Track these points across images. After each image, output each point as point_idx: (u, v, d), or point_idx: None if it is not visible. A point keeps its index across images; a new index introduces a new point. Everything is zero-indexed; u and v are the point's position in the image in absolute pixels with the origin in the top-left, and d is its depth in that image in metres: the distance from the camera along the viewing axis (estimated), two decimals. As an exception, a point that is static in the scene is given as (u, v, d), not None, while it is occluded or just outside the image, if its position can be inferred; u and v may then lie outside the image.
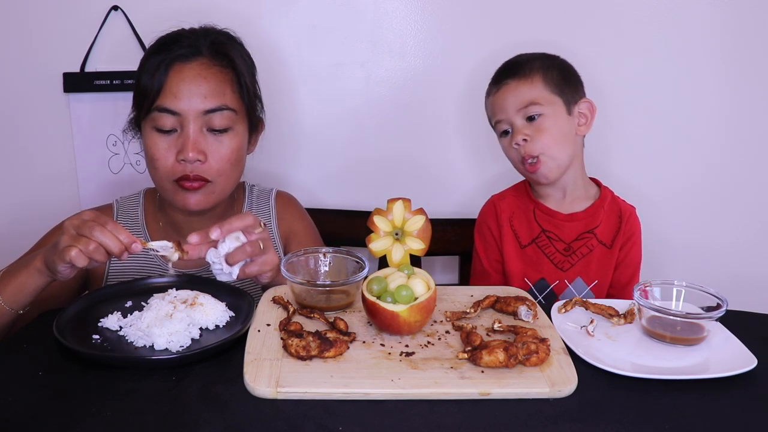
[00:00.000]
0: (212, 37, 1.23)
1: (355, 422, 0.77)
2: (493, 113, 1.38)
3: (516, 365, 0.85)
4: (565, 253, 1.38)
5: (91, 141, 1.67)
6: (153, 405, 0.79)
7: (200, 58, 1.19)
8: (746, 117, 1.71)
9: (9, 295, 1.02)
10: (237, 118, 1.22)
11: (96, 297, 1.05)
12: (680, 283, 1.01)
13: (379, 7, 1.64)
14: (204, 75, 1.18)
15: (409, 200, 1.02)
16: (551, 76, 1.34)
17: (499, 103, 1.36)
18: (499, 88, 1.36)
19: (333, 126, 1.72)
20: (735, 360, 0.89)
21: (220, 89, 1.19)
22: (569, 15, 1.64)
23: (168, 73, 1.17)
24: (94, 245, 0.94)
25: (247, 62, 1.27)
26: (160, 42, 1.22)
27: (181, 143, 1.17)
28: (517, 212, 1.43)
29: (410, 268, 0.97)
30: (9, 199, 1.71)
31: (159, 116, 1.17)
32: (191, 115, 1.17)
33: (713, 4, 1.64)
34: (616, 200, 1.43)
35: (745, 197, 1.77)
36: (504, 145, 1.38)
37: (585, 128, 1.37)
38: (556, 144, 1.32)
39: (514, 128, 1.33)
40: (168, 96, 1.16)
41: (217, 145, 1.19)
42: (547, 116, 1.31)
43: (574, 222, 1.38)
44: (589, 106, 1.36)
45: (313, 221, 1.45)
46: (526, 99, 1.31)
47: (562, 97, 1.33)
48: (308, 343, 0.87)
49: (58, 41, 1.61)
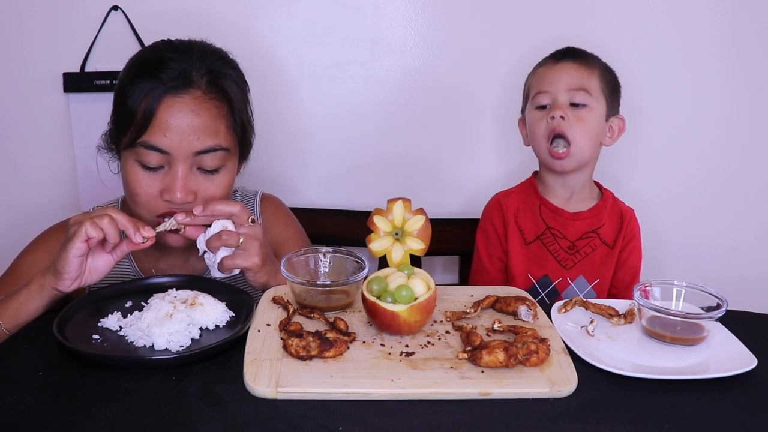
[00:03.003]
0: (208, 64, 1.12)
1: (355, 422, 0.77)
2: (539, 84, 1.37)
3: (516, 365, 0.85)
4: (569, 251, 1.39)
5: (91, 141, 1.65)
6: (153, 405, 0.79)
7: (194, 90, 1.08)
8: (746, 117, 1.71)
9: (8, 318, 1.01)
10: (229, 156, 1.14)
11: (96, 297, 1.05)
12: (680, 283, 1.01)
13: (379, 7, 1.64)
14: (197, 111, 1.08)
15: (409, 200, 1.02)
16: (607, 77, 1.36)
17: (551, 76, 1.35)
18: (558, 62, 1.36)
19: (333, 126, 1.72)
20: (735, 360, 0.89)
21: (214, 127, 1.09)
22: (569, 15, 1.64)
23: (158, 106, 1.06)
24: (107, 218, 0.96)
25: (240, 88, 1.17)
26: (146, 62, 1.11)
27: (168, 182, 1.08)
28: (522, 208, 1.43)
29: (410, 268, 0.97)
30: (8, 198, 1.71)
31: (145, 152, 1.07)
32: (181, 156, 1.07)
33: (713, 4, 1.64)
34: (616, 202, 1.44)
35: (744, 197, 1.77)
36: (533, 119, 1.37)
37: (610, 141, 1.39)
38: (588, 139, 1.33)
39: (556, 104, 1.33)
40: (156, 132, 1.06)
41: (208, 184, 1.11)
42: (591, 110, 1.33)
43: (579, 221, 1.39)
44: (621, 123, 1.39)
45: (300, 224, 1.40)
46: (582, 83, 1.32)
47: (607, 102, 1.36)
48: (308, 343, 0.87)
49: (58, 41, 1.61)
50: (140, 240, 0.99)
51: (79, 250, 0.98)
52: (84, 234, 0.96)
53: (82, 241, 0.97)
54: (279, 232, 1.34)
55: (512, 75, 1.68)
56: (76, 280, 1.01)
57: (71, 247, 0.97)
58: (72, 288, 1.01)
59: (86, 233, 0.96)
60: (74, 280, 1.01)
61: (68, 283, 1.00)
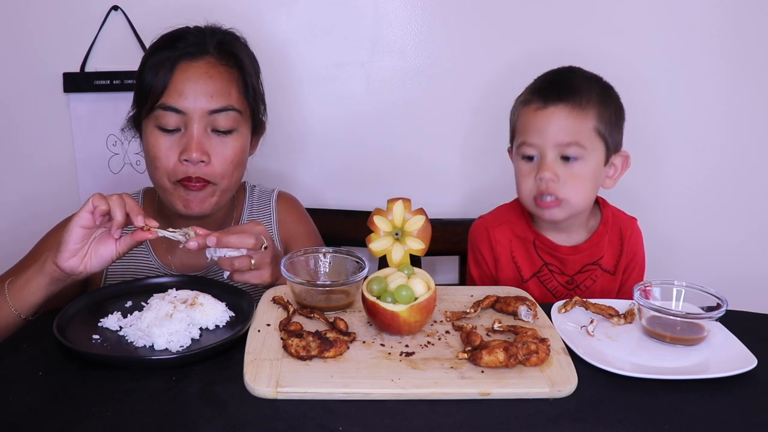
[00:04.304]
0: (219, 36, 1.21)
1: (355, 422, 0.77)
2: (524, 133, 1.21)
3: (516, 365, 0.85)
4: (568, 286, 1.29)
5: (91, 141, 1.67)
6: (153, 405, 0.79)
7: (207, 56, 1.17)
8: (746, 117, 1.71)
9: (14, 295, 1.02)
10: (242, 120, 1.20)
11: (96, 297, 1.05)
12: (680, 283, 1.01)
13: (379, 7, 1.64)
14: (210, 74, 1.16)
15: (409, 200, 1.02)
16: (606, 113, 1.19)
17: (537, 125, 1.18)
18: (546, 106, 1.18)
19: (333, 126, 1.72)
20: (735, 360, 0.89)
21: (226, 89, 1.17)
22: (569, 15, 1.64)
23: (174, 70, 1.15)
24: (116, 196, 0.99)
25: (253, 63, 1.25)
26: (165, 38, 1.20)
27: (184, 143, 1.15)
28: (516, 244, 1.30)
29: (410, 268, 0.97)
30: (9, 198, 1.71)
31: (163, 114, 1.15)
32: (196, 115, 1.14)
33: (713, 4, 1.64)
34: (616, 219, 1.32)
35: (744, 197, 1.76)
36: (521, 170, 1.23)
37: (611, 182, 1.26)
38: (582, 193, 1.20)
39: (544, 162, 1.18)
40: (173, 94, 1.14)
41: (221, 147, 1.17)
42: (585, 162, 1.18)
43: (578, 254, 1.28)
44: (624, 160, 1.26)
45: (314, 223, 1.44)
46: (572, 137, 1.16)
47: (606, 144, 1.20)
48: (308, 343, 0.87)
49: (58, 41, 1.61)
50: (140, 224, 0.99)
51: (82, 219, 0.97)
52: (90, 204, 0.98)
53: (87, 211, 0.98)
54: (293, 228, 1.38)
55: (512, 75, 1.67)
56: (75, 256, 0.99)
57: (75, 216, 0.98)
58: (69, 264, 0.98)
59: (92, 203, 0.98)
60: (73, 254, 0.99)
61: (67, 255, 0.98)
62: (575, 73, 1.24)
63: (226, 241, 1.04)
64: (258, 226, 1.08)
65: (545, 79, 1.24)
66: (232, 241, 1.04)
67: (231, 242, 1.04)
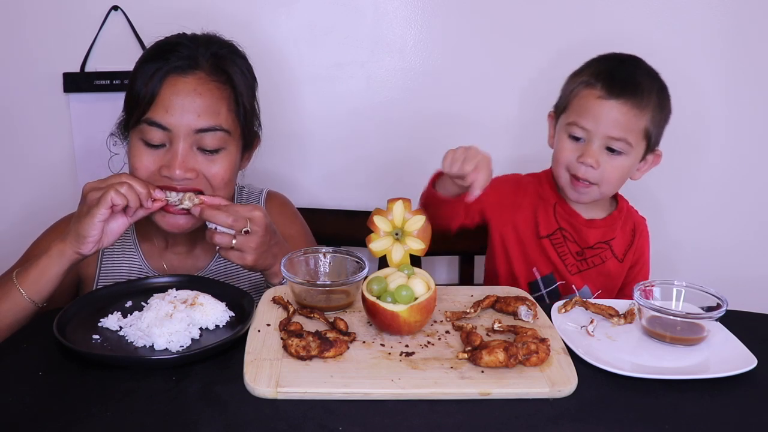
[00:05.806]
0: (213, 48, 1.17)
1: (355, 422, 0.77)
2: (578, 114, 1.25)
3: (516, 365, 0.85)
4: (577, 257, 1.35)
5: (91, 141, 1.67)
6: (153, 405, 0.79)
7: (198, 71, 1.13)
8: (746, 117, 1.71)
9: (30, 285, 1.04)
10: (230, 139, 1.16)
11: (96, 297, 1.05)
12: (680, 283, 1.01)
13: (379, 7, 1.64)
14: (199, 91, 1.12)
15: (409, 200, 1.02)
16: (658, 117, 1.26)
17: (594, 113, 1.23)
18: (608, 99, 1.22)
19: (333, 126, 1.71)
20: (735, 360, 0.89)
21: (215, 107, 1.13)
22: (569, 16, 1.64)
23: (162, 84, 1.11)
24: (126, 186, 1.03)
25: (247, 78, 1.21)
26: (158, 47, 1.17)
27: (168, 159, 1.12)
28: (541, 201, 1.37)
29: (410, 268, 0.97)
30: (9, 198, 1.71)
31: (148, 129, 1.11)
32: (182, 132, 1.11)
33: (713, 5, 1.64)
34: (630, 211, 1.40)
35: (745, 197, 1.77)
36: (564, 146, 1.28)
37: (638, 174, 1.33)
38: (615, 183, 1.28)
39: (589, 147, 1.24)
40: (159, 109, 1.10)
41: (208, 165, 1.14)
42: (627, 157, 1.26)
43: (593, 229, 1.35)
44: (657, 158, 1.33)
45: (306, 223, 1.41)
46: (623, 133, 1.22)
47: (648, 143, 1.27)
48: (308, 343, 0.87)
49: (58, 41, 1.61)
50: (151, 206, 1.08)
51: (103, 215, 1.03)
52: (109, 201, 1.02)
53: (107, 208, 1.02)
54: (283, 229, 1.33)
55: (513, 74, 1.68)
56: (97, 243, 1.06)
57: (97, 212, 1.02)
58: (92, 251, 1.06)
59: (112, 201, 1.02)
60: (96, 243, 1.06)
61: (90, 245, 1.05)
62: (640, 67, 1.28)
63: (209, 214, 1.06)
64: (255, 210, 1.07)
65: (610, 67, 1.27)
66: (214, 216, 1.06)
67: (211, 216, 1.06)
